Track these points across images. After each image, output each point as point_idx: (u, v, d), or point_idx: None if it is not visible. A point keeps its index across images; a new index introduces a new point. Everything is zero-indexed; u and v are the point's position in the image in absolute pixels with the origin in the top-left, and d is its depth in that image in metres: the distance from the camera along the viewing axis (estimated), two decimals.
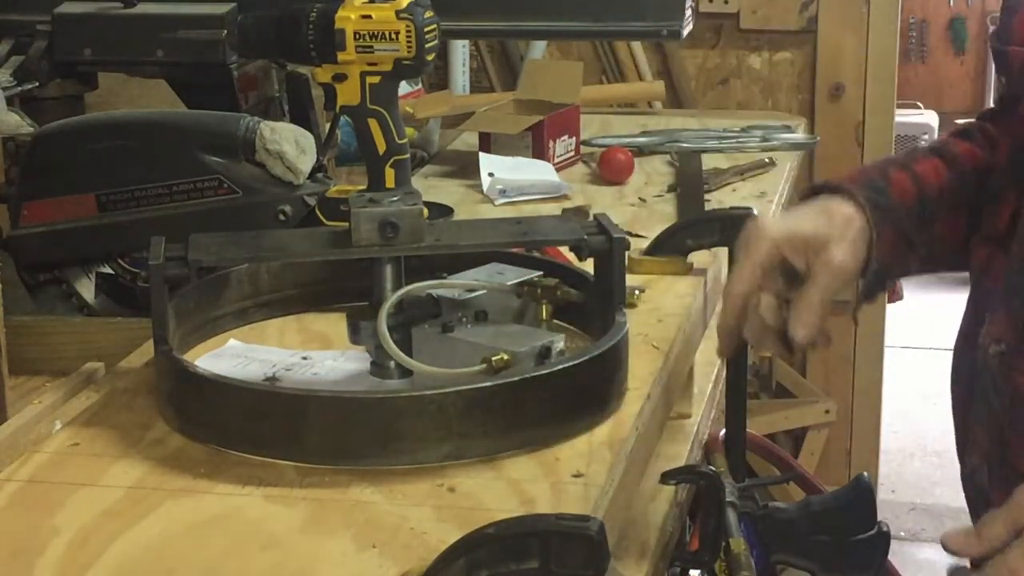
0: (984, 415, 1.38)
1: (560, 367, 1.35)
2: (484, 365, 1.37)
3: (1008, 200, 1.39)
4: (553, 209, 2.42)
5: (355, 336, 1.47)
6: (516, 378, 1.33)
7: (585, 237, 1.47)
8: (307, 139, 1.75)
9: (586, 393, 1.37)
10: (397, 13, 1.37)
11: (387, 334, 1.40)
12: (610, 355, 1.39)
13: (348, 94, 1.41)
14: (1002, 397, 1.36)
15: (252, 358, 1.54)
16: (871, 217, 1.38)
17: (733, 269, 1.40)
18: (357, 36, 1.38)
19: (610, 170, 2.72)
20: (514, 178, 2.58)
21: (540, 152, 2.72)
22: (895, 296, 3.87)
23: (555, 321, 1.54)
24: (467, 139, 2.94)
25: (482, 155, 2.67)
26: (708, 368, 1.84)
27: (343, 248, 1.43)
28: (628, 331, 1.44)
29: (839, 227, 1.36)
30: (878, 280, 1.42)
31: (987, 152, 1.49)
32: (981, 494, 1.39)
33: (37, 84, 1.86)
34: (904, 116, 6.43)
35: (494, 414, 1.31)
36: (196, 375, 1.37)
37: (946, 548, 1.20)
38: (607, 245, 1.47)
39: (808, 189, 1.46)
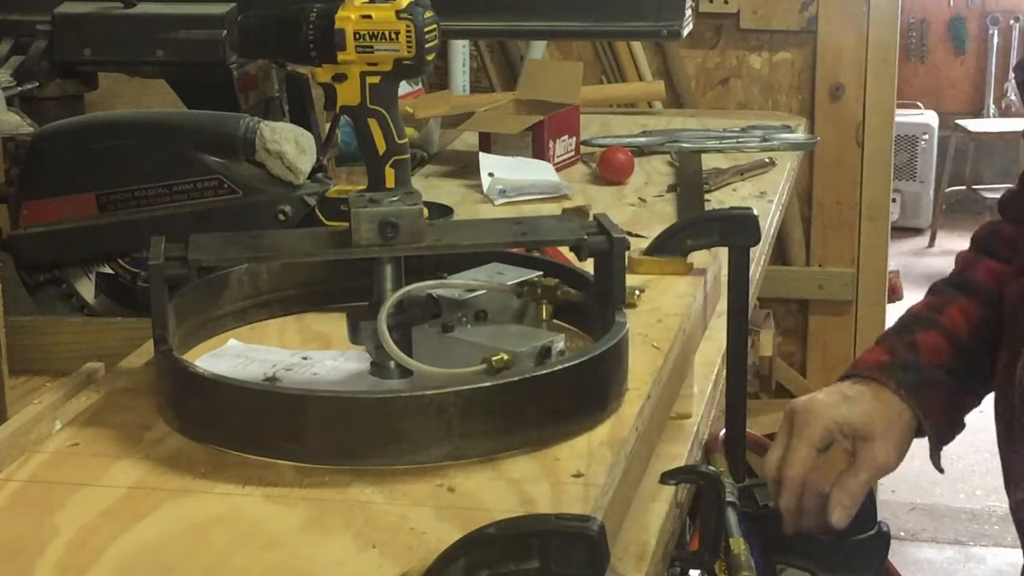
0: None
1: (560, 367, 1.35)
2: (484, 365, 1.36)
3: None
4: (553, 209, 2.42)
5: (355, 336, 1.47)
6: (516, 378, 1.33)
7: (585, 237, 1.47)
8: (307, 139, 1.75)
9: (586, 393, 1.37)
10: (397, 13, 1.37)
11: (387, 334, 1.40)
12: (610, 355, 1.39)
13: (348, 94, 1.41)
14: None
15: (252, 358, 1.54)
16: (910, 403, 1.44)
17: (788, 450, 1.47)
18: (357, 36, 1.38)
19: (610, 170, 2.72)
20: (514, 178, 2.58)
21: (540, 152, 2.73)
22: (895, 296, 3.87)
23: (555, 321, 1.54)
24: (467, 139, 2.94)
25: (482, 155, 2.68)
26: (708, 368, 1.84)
27: (343, 248, 1.43)
28: (628, 331, 1.44)
29: (884, 423, 1.44)
30: (944, 436, 1.48)
31: (1009, 258, 1.51)
32: None
33: (37, 84, 1.86)
34: (904, 116, 6.43)
35: (494, 414, 1.31)
36: (196, 375, 1.37)
37: None
38: (607, 245, 1.47)
39: (845, 375, 1.49)
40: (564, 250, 1.68)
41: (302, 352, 1.56)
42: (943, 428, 1.46)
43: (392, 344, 1.40)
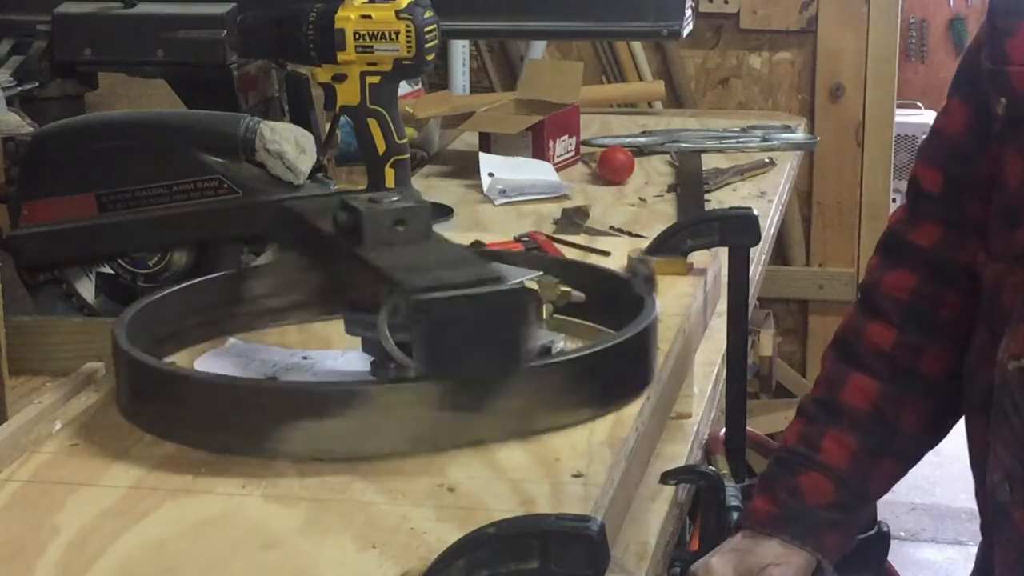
0: (1006, 433, 1.36)
1: (557, 361, 1.35)
2: None
3: None
4: (553, 209, 2.42)
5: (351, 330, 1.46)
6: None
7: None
8: (307, 139, 1.74)
9: (585, 389, 1.37)
10: (397, 13, 1.38)
11: (387, 334, 1.40)
12: (601, 355, 1.39)
13: (348, 94, 1.41)
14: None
15: (252, 358, 1.54)
16: (809, 550, 1.46)
17: None
18: (357, 36, 1.38)
19: (610, 170, 2.72)
20: (514, 178, 2.58)
21: (540, 152, 2.73)
22: None
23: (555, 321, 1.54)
24: (467, 139, 2.95)
25: (482, 155, 2.68)
26: (708, 368, 1.84)
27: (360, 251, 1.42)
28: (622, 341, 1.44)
29: (784, 566, 1.45)
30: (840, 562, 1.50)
31: (899, 316, 1.49)
32: (1002, 511, 1.37)
33: (37, 84, 1.86)
34: (904, 116, 6.42)
35: (495, 408, 1.31)
36: (175, 375, 1.36)
37: None
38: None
39: (736, 526, 1.50)
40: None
41: (302, 352, 1.56)
42: (839, 557, 1.49)
43: (392, 344, 1.40)
